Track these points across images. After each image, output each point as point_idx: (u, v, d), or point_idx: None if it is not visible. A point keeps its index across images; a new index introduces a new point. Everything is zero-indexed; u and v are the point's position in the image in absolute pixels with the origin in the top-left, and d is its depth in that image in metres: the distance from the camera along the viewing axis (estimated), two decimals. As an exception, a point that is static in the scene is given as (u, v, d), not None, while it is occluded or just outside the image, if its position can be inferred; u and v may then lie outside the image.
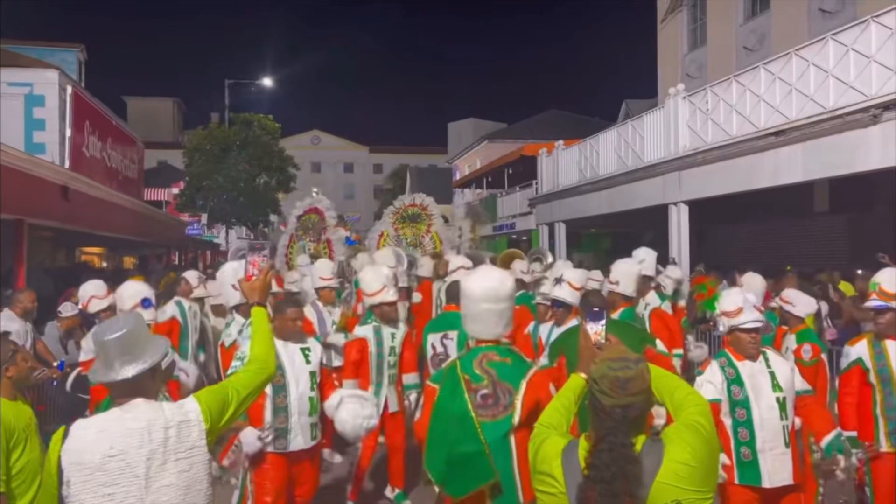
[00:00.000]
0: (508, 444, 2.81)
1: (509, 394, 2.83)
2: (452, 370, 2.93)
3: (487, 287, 2.97)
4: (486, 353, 2.95)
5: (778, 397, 3.47)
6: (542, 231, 19.23)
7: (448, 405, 2.87)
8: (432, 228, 11.89)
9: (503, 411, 2.82)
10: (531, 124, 37.54)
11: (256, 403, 3.82)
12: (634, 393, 1.83)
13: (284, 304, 4.13)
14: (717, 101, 11.48)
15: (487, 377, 2.87)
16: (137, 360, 2.09)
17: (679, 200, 12.35)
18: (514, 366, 2.92)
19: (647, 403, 1.87)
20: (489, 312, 2.96)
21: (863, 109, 8.39)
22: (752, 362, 3.56)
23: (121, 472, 1.95)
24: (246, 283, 2.81)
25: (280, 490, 3.95)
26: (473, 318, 3.01)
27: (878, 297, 3.97)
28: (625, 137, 14.66)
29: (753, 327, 3.56)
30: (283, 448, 3.92)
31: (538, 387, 2.88)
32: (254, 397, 2.37)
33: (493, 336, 3.00)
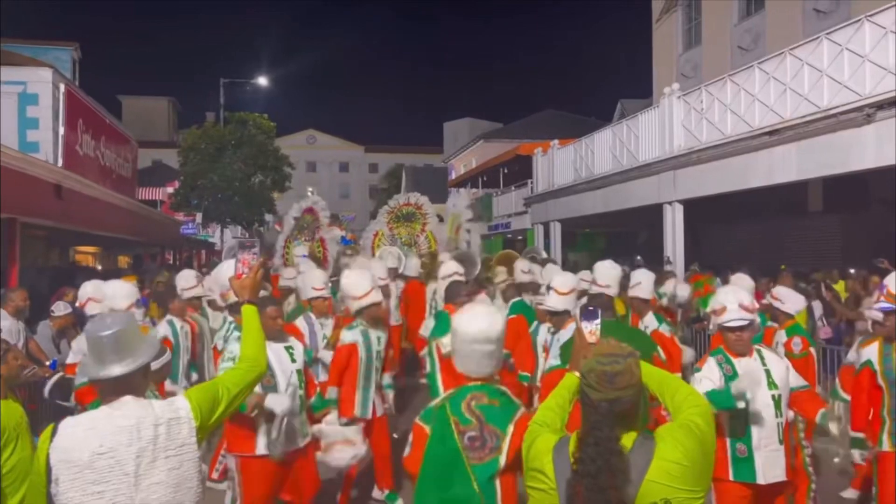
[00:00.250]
0: (494, 487, 2.84)
1: (496, 437, 2.86)
2: (442, 411, 2.94)
3: (478, 329, 2.98)
4: (474, 393, 2.96)
5: (773, 395, 3.51)
6: (538, 230, 19.24)
7: (439, 448, 2.89)
8: (427, 228, 11.88)
9: (489, 454, 2.84)
10: (526, 124, 37.58)
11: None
12: (621, 387, 1.82)
13: (263, 303, 4.04)
14: (712, 101, 11.50)
15: (475, 419, 2.89)
16: (129, 358, 2.08)
17: (674, 200, 12.36)
18: (501, 408, 2.93)
19: (635, 399, 1.86)
20: (479, 353, 2.98)
21: (857, 109, 8.40)
22: (747, 359, 3.58)
23: (110, 470, 1.93)
24: (236, 282, 2.79)
25: (269, 494, 3.93)
26: (464, 358, 3.03)
27: (886, 299, 4.00)
28: (620, 137, 14.67)
29: (736, 325, 3.59)
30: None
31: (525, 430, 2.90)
32: (245, 395, 2.35)
33: (482, 375, 3.01)
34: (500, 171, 25.03)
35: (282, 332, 4.17)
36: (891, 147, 8.07)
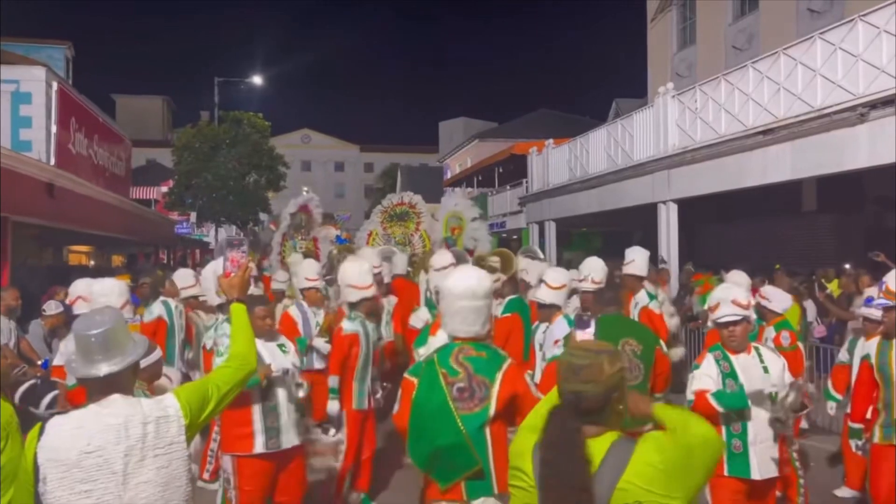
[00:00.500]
0: (484, 435, 2.91)
1: (485, 387, 2.93)
2: (430, 364, 3.01)
3: (466, 285, 3.06)
4: (462, 347, 3.04)
5: (770, 392, 3.54)
6: (533, 229, 19.25)
7: (427, 398, 2.95)
8: (421, 227, 11.86)
9: (479, 404, 2.91)
10: (521, 123, 37.59)
11: (243, 405, 3.80)
12: (585, 380, 1.82)
13: (252, 303, 4.03)
14: (706, 100, 11.51)
15: (463, 370, 2.96)
16: (118, 357, 2.06)
17: (668, 199, 12.37)
18: (489, 359, 3.00)
19: (602, 396, 1.83)
20: (467, 309, 3.04)
21: (850, 108, 8.42)
22: (746, 356, 3.64)
23: (98, 469, 1.92)
24: (224, 280, 2.77)
25: (263, 495, 3.93)
26: (452, 315, 3.09)
27: (885, 296, 4.07)
28: (614, 136, 14.68)
29: (728, 321, 3.65)
30: (277, 447, 3.89)
31: (513, 380, 2.97)
32: (234, 393, 2.34)
33: (470, 334, 3.07)
34: (496, 170, 25.03)
35: (273, 332, 4.19)
36: (884, 146, 8.09)
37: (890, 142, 8.00)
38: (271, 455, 3.89)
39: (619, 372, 1.88)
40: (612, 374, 1.85)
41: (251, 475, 3.86)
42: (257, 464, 3.86)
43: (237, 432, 3.86)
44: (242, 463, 3.86)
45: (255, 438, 3.85)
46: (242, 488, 3.86)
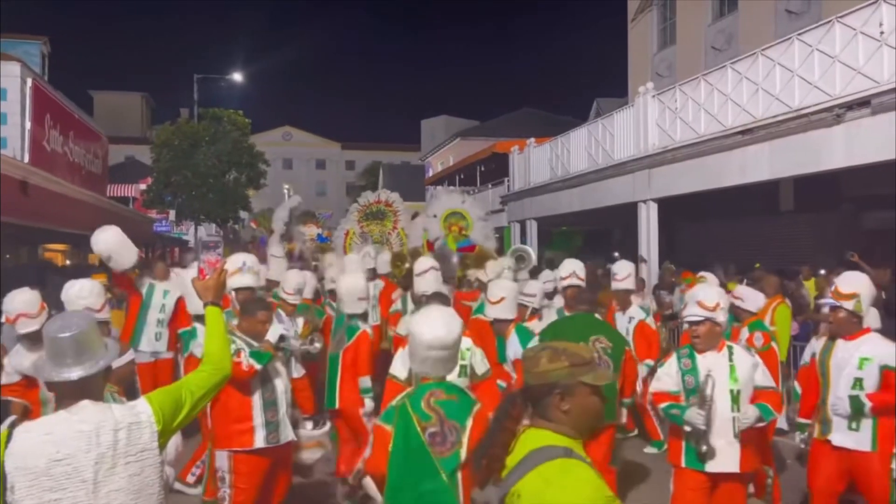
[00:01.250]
0: (456, 480, 2.93)
1: (456, 431, 2.96)
2: (403, 410, 3.00)
3: (434, 336, 3.05)
4: (432, 391, 3.04)
5: (732, 389, 3.67)
6: (514, 228, 19.27)
7: (405, 444, 2.95)
8: (398, 225, 11.84)
9: (451, 448, 2.94)
10: (503, 122, 37.65)
11: (243, 400, 3.79)
12: (525, 370, 1.93)
13: (254, 306, 4.12)
14: (686, 100, 11.58)
15: (435, 415, 2.97)
16: (89, 361, 2.01)
17: (648, 198, 12.44)
18: (459, 403, 3.02)
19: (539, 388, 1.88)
20: (435, 358, 3.06)
21: (827, 109, 8.51)
22: (714, 354, 3.75)
23: (67, 477, 1.87)
24: (199, 282, 2.73)
25: (257, 492, 3.92)
26: (420, 362, 3.11)
27: (832, 296, 4.18)
28: (595, 135, 14.73)
29: (690, 321, 3.80)
30: (276, 441, 3.92)
31: (482, 423, 2.95)
32: (208, 399, 2.30)
33: (436, 377, 3.10)
34: (477, 168, 25.03)
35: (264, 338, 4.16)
36: (860, 147, 8.19)
37: (865, 142, 8.11)
38: (270, 450, 3.90)
39: (562, 370, 1.86)
40: (550, 370, 1.87)
41: (249, 472, 3.85)
42: (255, 460, 3.86)
43: (237, 428, 3.84)
44: (240, 459, 3.84)
45: (256, 433, 3.85)
46: (238, 486, 3.84)
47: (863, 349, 4.05)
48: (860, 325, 4.13)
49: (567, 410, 1.86)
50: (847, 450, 4.03)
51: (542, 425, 1.88)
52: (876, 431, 3.98)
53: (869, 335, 4.12)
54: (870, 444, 3.99)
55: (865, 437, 4.00)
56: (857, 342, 4.08)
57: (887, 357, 3.99)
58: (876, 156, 8.00)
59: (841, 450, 4.05)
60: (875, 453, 3.98)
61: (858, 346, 4.07)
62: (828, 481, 4.11)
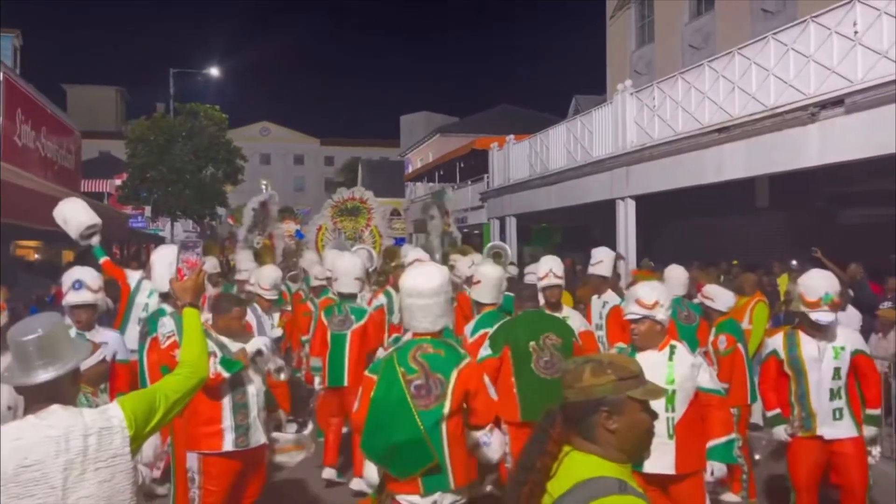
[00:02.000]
0: (440, 431, 3.00)
1: (441, 384, 3.02)
2: (389, 362, 3.08)
3: (413, 283, 3.14)
4: (420, 345, 3.11)
5: (666, 389, 3.53)
6: (494, 225, 19.30)
7: (385, 395, 3.02)
8: (372, 222, 11.82)
9: (435, 401, 3.00)
10: (482, 118, 37.67)
11: (212, 403, 3.74)
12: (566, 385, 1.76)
13: (227, 303, 4.06)
14: (664, 98, 11.66)
15: (420, 368, 3.04)
16: (56, 363, 1.96)
17: (626, 196, 12.52)
18: (446, 357, 3.08)
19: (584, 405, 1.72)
20: (415, 307, 3.12)
21: (802, 108, 8.61)
22: (654, 353, 3.66)
23: (35, 484, 1.82)
24: (178, 283, 2.68)
25: (227, 495, 3.86)
26: (405, 312, 3.20)
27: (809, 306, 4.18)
28: (574, 133, 14.78)
29: (630, 319, 3.76)
30: (246, 445, 3.85)
31: (468, 378, 3.06)
32: (183, 403, 2.25)
33: (425, 330, 3.15)
34: (457, 165, 25.04)
35: (245, 332, 4.18)
36: (834, 145, 8.30)
37: (839, 141, 8.22)
38: (240, 453, 3.84)
39: (608, 385, 1.72)
40: (595, 384, 1.72)
41: (218, 475, 3.79)
42: (225, 463, 3.80)
43: (205, 430, 3.78)
44: (209, 462, 3.78)
45: (225, 436, 3.78)
46: (207, 488, 3.78)
47: (835, 340, 4.17)
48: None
49: (615, 430, 1.70)
50: (833, 440, 4.10)
51: (586, 448, 1.71)
52: (853, 415, 4.15)
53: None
54: (855, 429, 4.12)
55: (850, 425, 4.12)
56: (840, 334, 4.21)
57: (856, 342, 4.23)
58: (850, 154, 8.12)
59: (828, 443, 4.11)
60: (858, 438, 4.11)
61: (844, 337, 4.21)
62: (810, 474, 4.16)
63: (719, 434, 3.64)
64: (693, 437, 3.60)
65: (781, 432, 4.28)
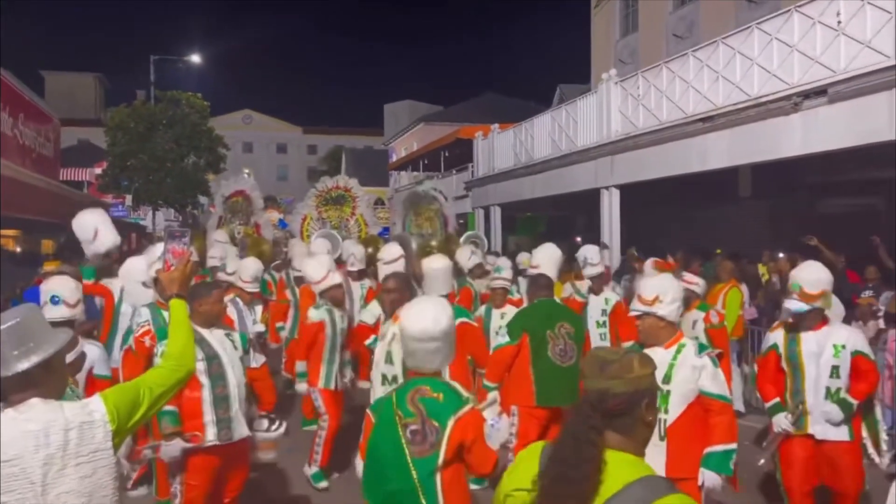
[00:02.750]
0: (434, 482, 2.80)
1: (436, 432, 2.81)
2: (388, 403, 2.90)
3: (421, 328, 2.91)
4: (419, 387, 2.92)
5: (661, 389, 3.43)
6: (478, 214, 19.29)
7: (382, 439, 2.86)
8: (357, 211, 11.74)
9: (430, 449, 2.80)
10: (467, 107, 37.57)
11: (192, 396, 3.69)
12: (611, 376, 1.68)
13: (204, 288, 3.98)
14: (648, 87, 11.67)
15: (418, 413, 2.84)
16: (33, 353, 1.90)
17: (611, 185, 12.55)
18: (444, 402, 2.87)
19: (630, 396, 1.67)
20: (424, 351, 2.93)
21: (785, 97, 8.65)
22: (661, 350, 3.53)
23: (14, 479, 1.78)
24: (165, 274, 2.61)
25: (209, 489, 3.83)
26: (408, 355, 2.99)
27: (800, 297, 4.08)
28: (559, 122, 14.77)
29: (632, 315, 3.71)
30: (228, 438, 3.81)
31: (465, 427, 2.83)
32: (168, 396, 2.20)
33: (431, 371, 2.97)
34: (441, 154, 24.94)
35: (222, 320, 4.13)
36: (816, 135, 8.35)
37: (822, 131, 8.27)
38: (223, 447, 3.80)
39: (650, 376, 1.72)
40: (643, 375, 1.70)
41: (199, 469, 3.75)
42: (206, 457, 3.76)
43: (186, 424, 3.74)
44: (191, 455, 3.74)
45: (207, 430, 3.75)
46: (188, 483, 3.75)
47: (834, 337, 4.06)
48: (823, 315, 4.12)
49: (650, 422, 1.71)
50: (825, 442, 4.02)
51: (620, 445, 1.65)
52: (851, 421, 4.03)
53: (832, 324, 4.16)
54: (848, 433, 4.02)
55: (843, 428, 4.01)
56: (825, 331, 4.08)
57: (858, 343, 4.07)
58: (832, 144, 8.18)
59: (819, 443, 4.03)
60: (852, 443, 4.01)
61: (828, 334, 4.07)
62: (804, 478, 4.07)
63: (716, 441, 3.44)
64: (688, 442, 3.44)
65: (782, 420, 4.14)
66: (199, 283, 4.24)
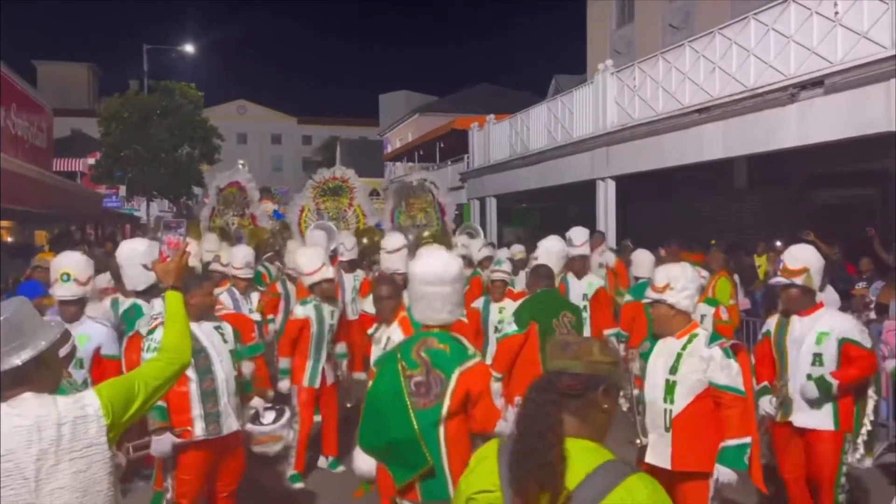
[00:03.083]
0: (437, 434, 2.77)
1: (441, 383, 2.79)
2: (392, 355, 2.87)
3: (432, 271, 2.88)
4: (425, 339, 2.89)
5: (668, 379, 3.40)
6: (474, 205, 19.26)
7: (383, 390, 2.83)
8: (354, 202, 11.71)
9: (434, 400, 2.77)
10: (462, 98, 37.45)
11: (179, 391, 3.65)
12: (570, 357, 1.70)
13: (194, 281, 3.93)
14: (645, 78, 11.63)
15: (422, 364, 2.82)
16: (24, 348, 1.88)
17: (607, 176, 12.53)
18: (451, 354, 2.84)
19: (586, 379, 1.68)
20: (432, 295, 2.88)
21: (781, 88, 8.63)
22: (672, 340, 3.49)
23: (7, 475, 1.76)
24: (160, 265, 2.59)
25: (202, 483, 3.81)
26: (416, 301, 2.94)
27: (782, 273, 4.06)
28: (555, 113, 14.73)
29: (645, 304, 3.71)
30: (217, 433, 3.76)
31: (471, 379, 2.80)
32: (164, 390, 2.18)
33: (437, 322, 2.92)
34: (437, 145, 24.88)
35: (213, 312, 4.08)
36: (812, 126, 8.34)
37: (818, 122, 8.25)
38: (212, 442, 3.76)
39: (612, 366, 1.73)
40: (602, 361, 1.71)
41: (190, 464, 3.73)
42: (196, 452, 3.73)
43: (174, 419, 3.71)
44: (181, 451, 3.72)
45: (195, 425, 3.71)
46: (180, 477, 3.72)
47: (820, 324, 3.94)
48: (813, 299, 4.01)
49: (607, 409, 1.70)
50: (806, 430, 3.96)
51: (576, 432, 1.65)
52: (837, 410, 3.92)
53: (824, 310, 4.03)
54: (832, 422, 3.92)
55: (827, 416, 3.92)
56: (814, 317, 3.97)
57: (845, 330, 3.91)
58: (828, 135, 8.16)
59: (801, 430, 3.97)
60: (833, 432, 3.91)
61: (815, 320, 3.96)
62: (793, 464, 4.04)
63: (729, 435, 3.31)
64: (695, 435, 3.34)
65: (766, 403, 4.12)
66: (190, 276, 4.20)
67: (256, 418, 4.12)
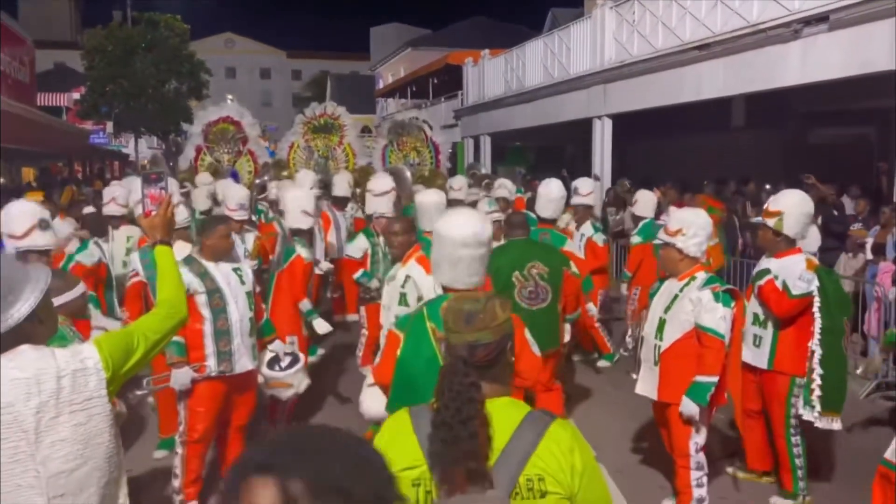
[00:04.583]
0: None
1: None
2: (419, 318, 2.75)
3: (471, 232, 2.74)
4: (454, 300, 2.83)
5: (661, 318, 3.68)
6: (468, 143, 19.03)
7: (414, 354, 2.71)
8: (345, 140, 11.51)
9: None
10: (456, 31, 36.54)
11: (194, 328, 3.69)
12: (479, 328, 1.67)
13: (213, 222, 4.01)
14: (644, 13, 11.32)
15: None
16: (15, 304, 1.84)
17: (603, 114, 12.34)
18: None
19: (498, 344, 1.69)
20: (469, 258, 2.74)
21: (785, 24, 8.41)
22: (674, 281, 3.72)
23: (7, 427, 1.74)
24: (145, 220, 2.52)
25: (214, 417, 3.88)
26: (452, 264, 2.77)
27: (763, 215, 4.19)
28: (551, 48, 14.40)
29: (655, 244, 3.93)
30: (230, 371, 3.83)
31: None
32: (163, 343, 2.17)
33: (469, 285, 2.79)
34: (430, 81, 24.41)
35: (231, 253, 4.07)
36: (815, 64, 8.17)
37: (821, 59, 8.08)
38: (226, 379, 3.83)
39: (510, 318, 1.74)
40: (506, 319, 1.72)
41: (204, 396, 3.81)
42: (209, 386, 3.81)
43: (190, 355, 3.77)
44: (196, 384, 3.78)
45: (208, 361, 3.79)
46: (194, 409, 3.80)
47: (770, 264, 4.02)
48: (786, 244, 3.98)
49: (513, 363, 1.74)
50: (753, 366, 4.06)
51: (494, 393, 1.65)
52: (774, 350, 3.99)
53: (797, 255, 3.97)
54: (766, 361, 4.01)
55: (763, 355, 4.02)
56: (782, 260, 3.97)
57: (780, 269, 3.93)
58: (830, 73, 8.00)
59: (750, 367, 4.05)
60: (773, 372, 3.98)
61: (769, 261, 4.06)
62: (746, 400, 4.05)
63: (699, 372, 3.50)
64: (679, 370, 3.58)
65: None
66: (207, 218, 4.22)
67: (276, 362, 4.16)
